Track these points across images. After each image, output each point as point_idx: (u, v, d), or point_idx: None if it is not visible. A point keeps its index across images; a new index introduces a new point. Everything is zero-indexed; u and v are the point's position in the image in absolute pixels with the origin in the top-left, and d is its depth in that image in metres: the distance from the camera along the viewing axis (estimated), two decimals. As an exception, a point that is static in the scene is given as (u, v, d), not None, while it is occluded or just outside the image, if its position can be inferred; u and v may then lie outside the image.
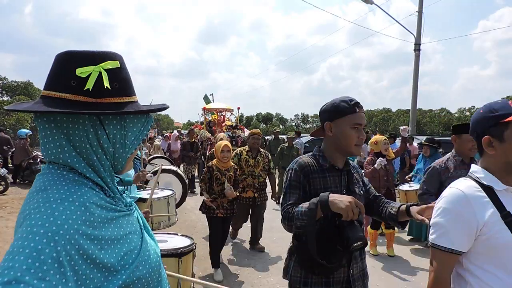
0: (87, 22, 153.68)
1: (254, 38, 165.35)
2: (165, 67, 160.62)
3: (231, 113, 13.33)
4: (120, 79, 0.84)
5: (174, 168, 6.24)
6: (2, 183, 8.47)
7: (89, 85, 0.77)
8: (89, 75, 0.78)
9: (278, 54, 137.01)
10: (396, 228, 4.78)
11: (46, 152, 0.81)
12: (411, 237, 5.52)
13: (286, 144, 8.10)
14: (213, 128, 12.12)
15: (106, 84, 0.79)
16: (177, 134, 11.77)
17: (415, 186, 5.14)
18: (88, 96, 0.79)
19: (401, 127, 4.96)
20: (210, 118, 12.78)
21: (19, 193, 8.54)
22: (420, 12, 13.17)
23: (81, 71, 0.77)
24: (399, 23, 13.69)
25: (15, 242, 0.67)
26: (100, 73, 0.79)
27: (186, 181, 6.39)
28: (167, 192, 4.03)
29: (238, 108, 13.15)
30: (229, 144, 3.99)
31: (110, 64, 0.81)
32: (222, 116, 13.03)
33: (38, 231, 0.67)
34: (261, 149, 4.94)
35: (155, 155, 8.28)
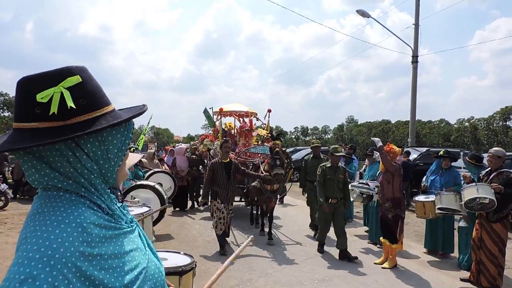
0: (86, 38, 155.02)
1: (252, 52, 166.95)
2: (164, 81, 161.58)
3: (257, 118, 9.36)
4: (86, 94, 0.77)
5: (151, 183, 5.98)
6: (2, 198, 8.41)
7: (54, 108, 0.72)
8: (52, 98, 0.72)
9: (276, 68, 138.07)
10: (400, 244, 4.74)
11: (32, 181, 0.78)
12: (427, 249, 5.46)
13: (329, 164, 5.42)
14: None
15: (70, 103, 0.73)
16: (185, 148, 9.35)
17: (432, 197, 5.04)
18: (56, 120, 0.74)
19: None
20: (224, 127, 9.11)
21: (19, 208, 8.47)
22: (416, 25, 13.39)
23: (41, 96, 0.72)
24: (396, 36, 13.93)
25: (11, 267, 0.67)
26: (62, 93, 0.73)
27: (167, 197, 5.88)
28: (143, 209, 3.81)
29: (269, 111, 8.98)
30: None
31: (70, 81, 0.75)
32: (248, 122, 8.87)
33: (33, 256, 0.66)
34: None
35: (156, 170, 7.78)
